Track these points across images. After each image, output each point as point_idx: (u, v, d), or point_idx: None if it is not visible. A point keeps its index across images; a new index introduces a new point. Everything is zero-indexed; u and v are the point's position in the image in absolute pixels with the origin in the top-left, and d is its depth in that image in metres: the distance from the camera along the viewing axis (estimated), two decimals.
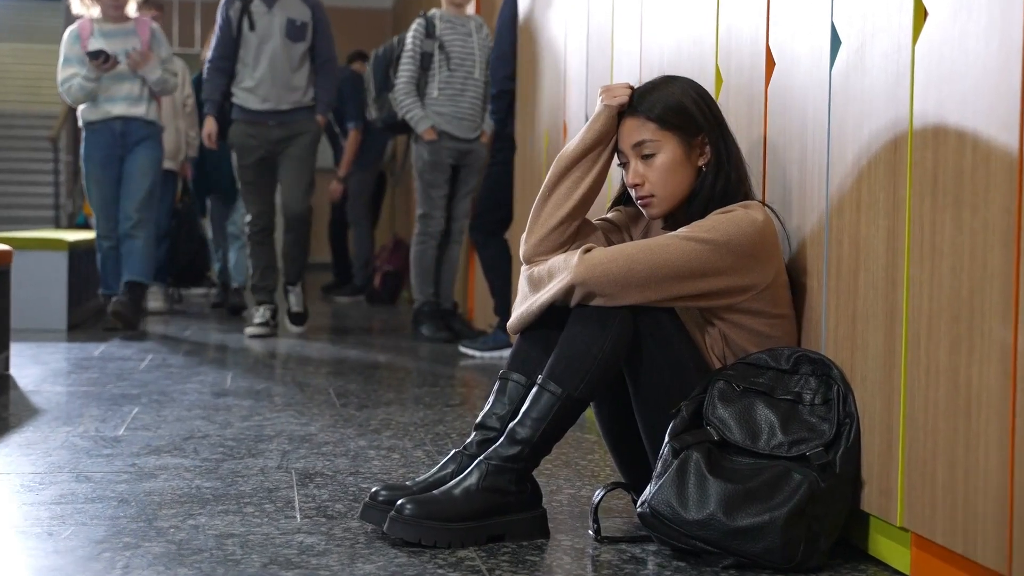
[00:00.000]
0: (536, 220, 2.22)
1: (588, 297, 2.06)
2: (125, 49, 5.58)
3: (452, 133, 5.43)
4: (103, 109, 5.60)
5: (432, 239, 5.52)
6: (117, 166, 5.64)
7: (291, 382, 4.07)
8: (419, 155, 5.48)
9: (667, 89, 2.19)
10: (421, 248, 5.52)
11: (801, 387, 2.05)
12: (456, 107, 5.43)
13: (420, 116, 5.40)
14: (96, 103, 5.60)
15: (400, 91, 5.43)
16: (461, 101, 5.42)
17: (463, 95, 5.43)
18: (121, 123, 5.61)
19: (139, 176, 5.61)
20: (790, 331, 2.19)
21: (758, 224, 2.10)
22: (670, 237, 2.09)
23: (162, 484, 2.46)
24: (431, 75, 5.43)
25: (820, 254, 2.14)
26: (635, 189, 2.21)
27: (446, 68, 5.40)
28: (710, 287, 2.08)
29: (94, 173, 5.63)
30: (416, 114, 5.40)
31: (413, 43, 5.43)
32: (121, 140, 5.62)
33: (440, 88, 5.41)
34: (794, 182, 2.25)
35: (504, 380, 2.20)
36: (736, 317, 2.14)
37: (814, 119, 2.16)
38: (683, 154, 2.18)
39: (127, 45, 5.59)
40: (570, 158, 2.22)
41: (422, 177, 5.48)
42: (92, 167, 5.64)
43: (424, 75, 5.45)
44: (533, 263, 2.20)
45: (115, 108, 5.60)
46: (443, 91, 5.42)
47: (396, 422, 3.28)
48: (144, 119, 5.64)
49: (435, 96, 5.41)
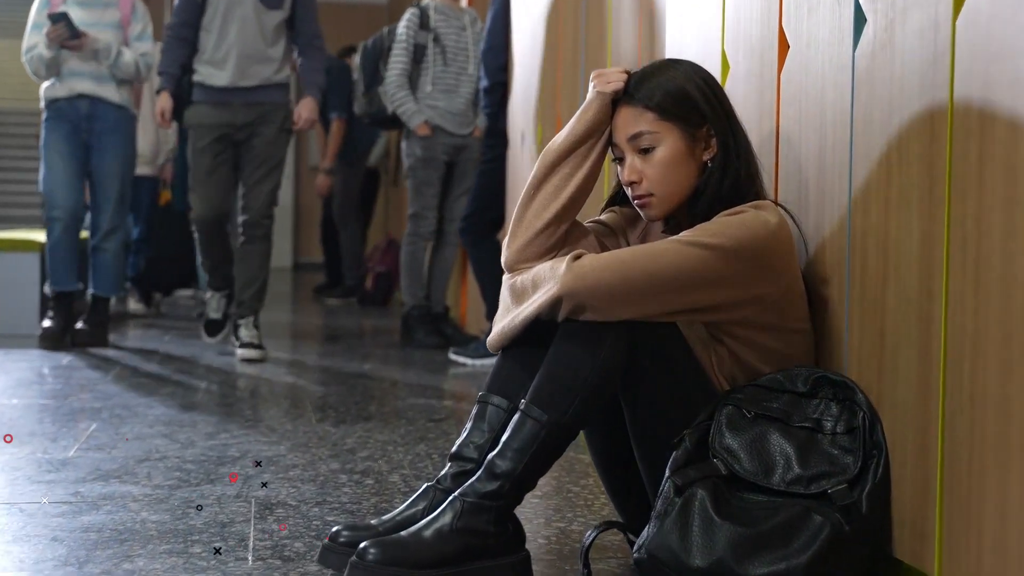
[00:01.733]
0: (519, 223, 1.96)
1: (577, 310, 1.80)
2: (101, 23, 4.93)
3: (446, 128, 5.17)
4: (67, 85, 4.90)
5: (423, 240, 5.26)
6: (82, 150, 4.94)
7: (267, 394, 3.81)
8: (411, 151, 5.20)
9: (668, 74, 1.93)
10: (411, 249, 5.25)
11: (821, 413, 1.79)
12: (450, 102, 5.17)
13: (413, 110, 5.12)
14: (61, 78, 4.91)
15: (392, 84, 5.16)
16: (455, 97, 5.16)
17: (457, 90, 5.17)
18: (88, 104, 4.92)
19: (108, 180, 4.95)
20: (807, 348, 1.94)
21: (771, 227, 1.84)
22: (671, 242, 1.83)
23: (103, 518, 2.20)
24: (424, 68, 5.17)
25: (842, 261, 1.88)
26: (631, 187, 1.95)
27: (441, 62, 5.14)
28: (717, 299, 1.83)
29: (56, 146, 4.87)
30: (409, 108, 5.13)
31: (407, 34, 5.16)
32: (87, 124, 4.92)
33: (434, 82, 5.16)
34: (811, 179, 1.99)
35: (483, 404, 1.95)
36: (746, 333, 1.89)
37: (834, 108, 1.91)
38: (686, 148, 1.92)
39: (104, 18, 4.94)
40: (558, 152, 1.96)
41: (414, 174, 5.20)
42: (54, 140, 4.87)
43: (416, 68, 5.18)
44: (516, 271, 1.95)
45: (80, 84, 4.91)
46: (437, 86, 5.16)
47: (374, 440, 3.03)
48: (114, 103, 4.95)
49: (429, 90, 5.15)
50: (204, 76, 4.76)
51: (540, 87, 4.18)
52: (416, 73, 5.20)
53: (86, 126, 4.93)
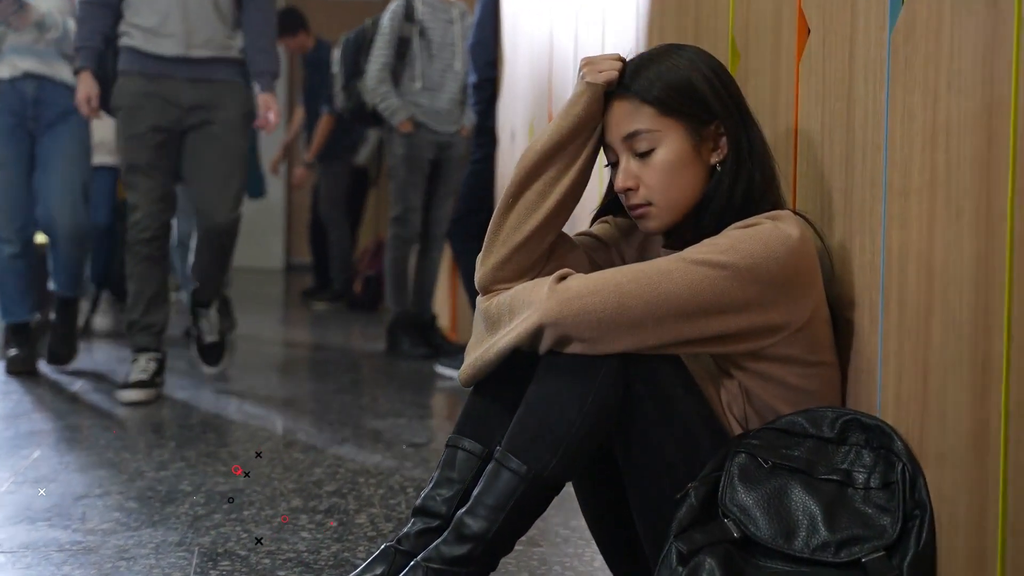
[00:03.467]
0: (495, 236, 1.68)
1: (562, 342, 1.52)
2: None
3: (430, 126, 4.89)
4: (9, 62, 4.11)
5: (408, 244, 4.97)
6: (27, 144, 4.15)
7: (235, 414, 3.51)
8: (393, 150, 4.91)
9: (669, 62, 1.65)
10: (396, 255, 4.96)
11: (851, 463, 1.51)
12: (434, 100, 4.89)
13: (396, 106, 4.83)
14: (2, 56, 4.13)
15: (373, 78, 4.86)
16: (440, 94, 4.88)
17: (442, 88, 4.89)
18: (34, 85, 4.12)
19: (63, 164, 4.13)
20: (833, 385, 1.65)
21: (792, 242, 1.56)
22: (674, 260, 1.55)
23: (19, 574, 1.91)
24: (408, 63, 4.89)
25: (874, 282, 1.60)
26: (626, 195, 1.67)
27: (425, 56, 4.86)
28: (728, 328, 1.54)
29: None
30: (391, 103, 4.84)
31: (391, 25, 4.87)
32: (33, 110, 4.13)
33: (417, 78, 4.87)
34: (837, 186, 1.71)
35: (452, 448, 1.66)
36: (762, 367, 1.60)
37: (865, 102, 1.62)
38: (690, 148, 1.64)
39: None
40: (541, 154, 1.67)
41: (396, 175, 4.90)
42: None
43: (400, 62, 4.90)
44: (491, 292, 1.66)
45: (24, 62, 4.12)
46: (421, 81, 4.87)
47: (344, 470, 2.74)
48: (66, 83, 4.12)
49: (412, 87, 4.87)
50: (139, 41, 3.71)
51: (531, 83, 3.90)
52: (399, 67, 4.92)
53: (32, 113, 4.14)
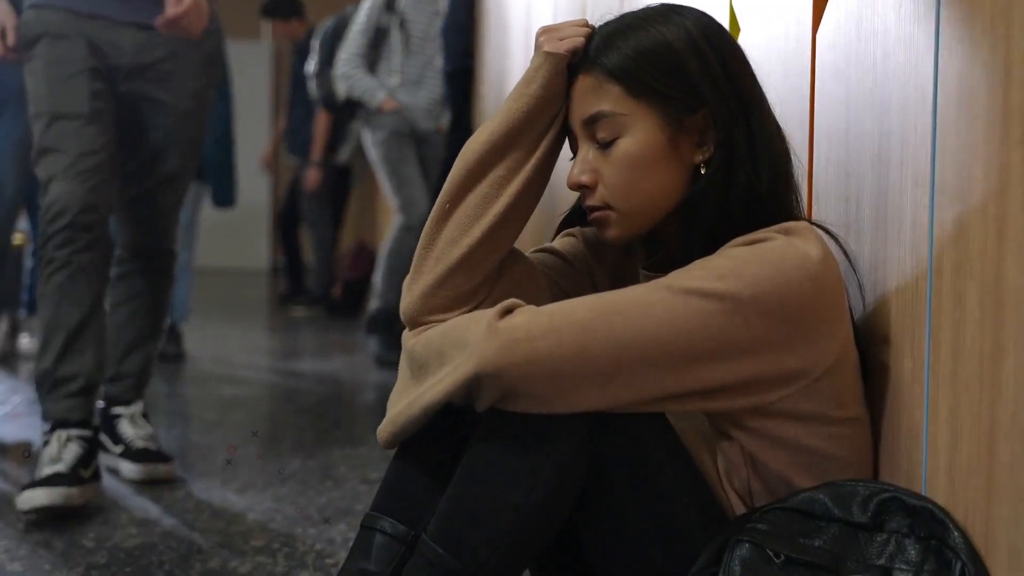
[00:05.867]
0: (427, 252, 1.30)
1: (508, 397, 1.15)
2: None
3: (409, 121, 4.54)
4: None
5: (414, 235, 4.40)
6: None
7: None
8: (377, 135, 4.56)
9: (652, 28, 1.27)
10: (398, 247, 4.48)
11: (891, 558, 1.14)
12: (413, 97, 4.55)
13: (372, 86, 4.51)
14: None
15: (344, 63, 4.54)
16: (420, 90, 4.53)
17: (422, 83, 4.54)
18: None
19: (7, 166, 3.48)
20: (863, 448, 1.28)
21: (812, 264, 1.18)
22: (657, 289, 1.17)
23: None
24: (384, 55, 4.54)
25: (919, 313, 1.22)
26: (583, 194, 1.30)
27: (405, 50, 4.50)
28: (728, 378, 1.17)
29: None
30: (365, 84, 4.51)
31: (368, 14, 4.53)
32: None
33: (395, 72, 4.52)
34: (866, 191, 1.33)
35: (368, 530, 1.28)
36: (771, 426, 1.23)
37: (904, 88, 1.25)
38: (663, 141, 1.25)
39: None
40: (487, 145, 1.30)
41: (387, 158, 4.54)
42: None
43: (375, 53, 4.55)
44: (420, 325, 1.29)
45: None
46: (399, 76, 4.52)
47: (282, 516, 2.36)
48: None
49: (388, 81, 4.53)
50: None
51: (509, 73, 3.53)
52: (375, 59, 4.57)
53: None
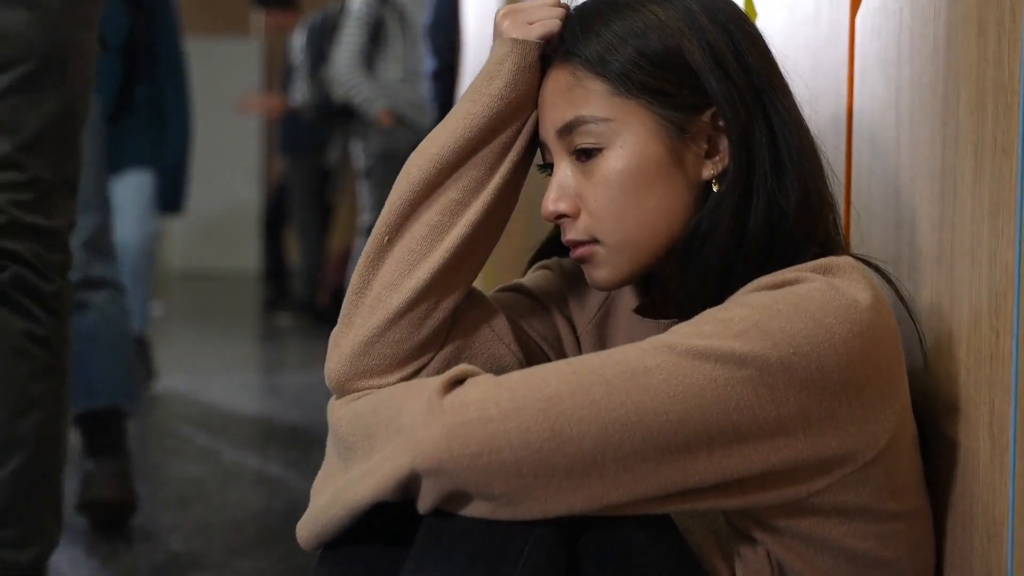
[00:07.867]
0: (358, 300, 1.01)
1: (456, 498, 0.86)
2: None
3: (409, 120, 4.36)
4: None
5: None
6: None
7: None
8: (368, 148, 4.38)
9: (640, 7, 0.98)
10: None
11: None
12: (413, 90, 4.35)
13: (372, 96, 4.32)
14: None
15: (344, 65, 4.34)
16: (419, 84, 4.31)
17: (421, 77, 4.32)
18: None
19: None
20: (922, 547, 0.98)
21: (860, 315, 0.89)
22: (656, 350, 0.88)
23: None
24: (383, 49, 4.35)
25: (1001, 379, 0.93)
26: (561, 225, 1.01)
27: (403, 43, 4.29)
28: (749, 467, 0.88)
29: None
30: (366, 94, 4.31)
31: (365, 8, 4.30)
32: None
33: (395, 66, 4.30)
34: (925, 215, 1.05)
35: None
36: (805, 525, 0.93)
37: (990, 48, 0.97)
38: (664, 152, 0.96)
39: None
40: (438, 161, 1.00)
41: (371, 175, 4.38)
42: None
43: (374, 47, 4.33)
44: (349, 392, 1.00)
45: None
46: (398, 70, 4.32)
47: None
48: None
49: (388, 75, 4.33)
50: None
51: None
52: (374, 54, 4.37)
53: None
